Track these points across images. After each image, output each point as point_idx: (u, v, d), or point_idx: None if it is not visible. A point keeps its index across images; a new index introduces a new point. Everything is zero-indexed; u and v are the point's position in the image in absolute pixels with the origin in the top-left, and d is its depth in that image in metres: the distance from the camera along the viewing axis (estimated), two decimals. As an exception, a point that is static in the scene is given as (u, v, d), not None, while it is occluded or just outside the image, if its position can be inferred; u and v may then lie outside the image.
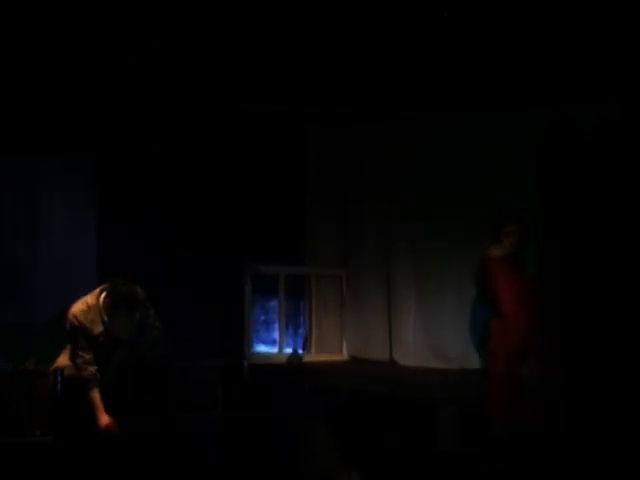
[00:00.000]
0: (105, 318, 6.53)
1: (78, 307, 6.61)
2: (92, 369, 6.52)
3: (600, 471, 6.41)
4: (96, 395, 6.49)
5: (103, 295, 6.56)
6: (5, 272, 8.73)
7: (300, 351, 9.16)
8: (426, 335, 8.77)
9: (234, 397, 8.30)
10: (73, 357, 6.61)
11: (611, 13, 7.17)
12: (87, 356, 6.53)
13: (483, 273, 7.61)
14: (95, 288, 6.80)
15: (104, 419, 6.47)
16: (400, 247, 8.97)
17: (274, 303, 9.17)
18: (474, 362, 8.15)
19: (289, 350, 9.09)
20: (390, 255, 9.03)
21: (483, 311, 7.76)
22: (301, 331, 9.35)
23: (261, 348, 9.11)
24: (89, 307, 6.57)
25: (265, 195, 9.24)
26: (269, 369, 8.74)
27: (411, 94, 8.40)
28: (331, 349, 9.28)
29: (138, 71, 8.17)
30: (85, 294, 6.73)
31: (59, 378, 6.62)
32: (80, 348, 6.55)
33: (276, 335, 9.12)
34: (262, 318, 9.22)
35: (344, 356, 9.26)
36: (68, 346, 6.71)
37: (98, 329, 6.55)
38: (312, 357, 9.11)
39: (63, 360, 6.72)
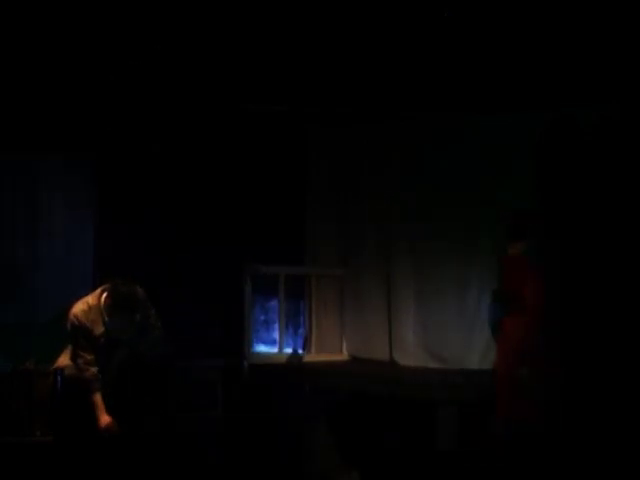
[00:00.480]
0: (106, 318, 6.52)
1: (79, 307, 6.59)
2: (93, 370, 6.50)
3: (600, 471, 6.41)
4: (98, 396, 6.47)
5: (104, 295, 6.55)
6: (5, 272, 8.72)
7: (300, 351, 9.15)
8: (426, 335, 8.77)
9: (234, 397, 8.30)
10: (74, 357, 6.58)
11: (611, 13, 7.17)
12: (88, 357, 6.51)
13: (508, 271, 7.42)
14: (95, 288, 6.79)
15: (105, 419, 6.45)
16: (400, 247, 8.97)
17: (274, 303, 9.16)
18: (474, 362, 8.14)
19: (289, 350, 9.09)
20: (390, 255, 9.03)
21: (500, 310, 7.64)
22: (301, 331, 9.35)
23: (261, 348, 9.11)
24: (90, 307, 6.56)
25: (265, 195, 9.24)
26: (269, 369, 8.74)
27: (411, 94, 8.41)
28: (331, 349, 9.27)
29: (138, 71, 8.17)
30: (85, 294, 6.72)
31: (59, 378, 6.61)
32: (81, 348, 6.54)
33: (276, 335, 9.11)
34: (262, 318, 9.22)
35: (344, 356, 9.26)
36: (69, 346, 6.70)
37: (99, 329, 6.54)
38: (312, 357, 9.11)
39: (64, 360, 6.70)
